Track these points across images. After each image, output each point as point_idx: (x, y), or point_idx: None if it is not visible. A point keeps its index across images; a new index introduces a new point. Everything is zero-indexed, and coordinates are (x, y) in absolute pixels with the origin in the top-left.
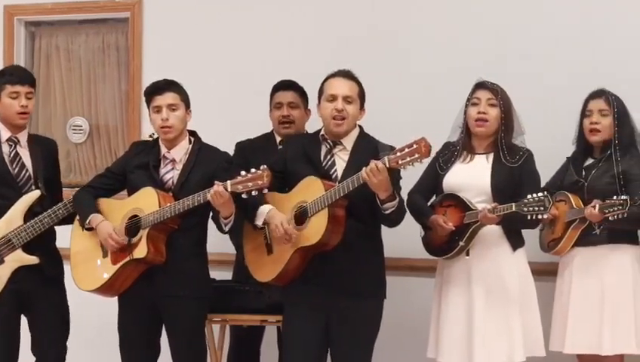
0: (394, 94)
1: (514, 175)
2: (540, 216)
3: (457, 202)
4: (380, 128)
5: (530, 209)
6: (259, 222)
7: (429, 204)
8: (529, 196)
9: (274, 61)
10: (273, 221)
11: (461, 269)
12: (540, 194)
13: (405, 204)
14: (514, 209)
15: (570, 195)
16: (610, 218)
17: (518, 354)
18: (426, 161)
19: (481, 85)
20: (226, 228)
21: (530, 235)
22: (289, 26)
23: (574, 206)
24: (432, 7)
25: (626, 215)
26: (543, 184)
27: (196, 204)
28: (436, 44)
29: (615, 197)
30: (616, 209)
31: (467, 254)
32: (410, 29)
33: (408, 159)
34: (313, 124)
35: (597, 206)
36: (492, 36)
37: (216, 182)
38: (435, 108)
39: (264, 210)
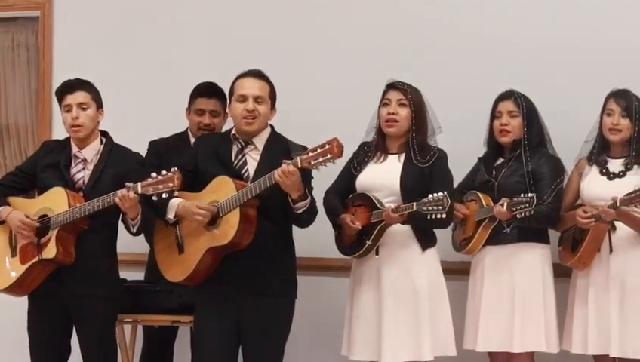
0: (308, 94)
1: (424, 175)
2: (438, 216)
3: (367, 201)
4: (292, 128)
5: (430, 208)
6: (170, 216)
7: (343, 203)
8: (429, 195)
9: (186, 60)
10: (189, 209)
11: (371, 269)
12: (439, 193)
13: (322, 203)
14: (415, 208)
15: (480, 195)
16: (517, 216)
17: (426, 354)
18: (341, 161)
19: (391, 86)
20: (134, 229)
21: (443, 235)
22: (202, 25)
23: (484, 205)
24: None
25: (533, 212)
26: (456, 184)
27: (106, 205)
28: (351, 44)
29: (522, 195)
30: (523, 207)
31: (377, 253)
32: (322, 29)
33: (320, 159)
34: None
35: (505, 204)
36: (407, 36)
37: (126, 184)
38: (349, 108)
39: (174, 203)
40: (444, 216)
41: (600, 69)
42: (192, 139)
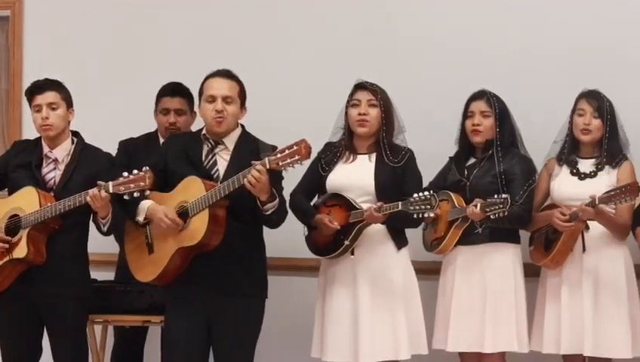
0: (276, 94)
1: (397, 174)
2: (426, 215)
3: (342, 202)
4: (262, 128)
5: (417, 207)
6: (140, 218)
7: (312, 203)
8: (415, 195)
9: (156, 60)
10: (156, 214)
11: (346, 269)
12: (425, 193)
13: (288, 204)
14: (400, 208)
15: (452, 195)
16: (491, 216)
17: (404, 352)
18: (307, 162)
19: (360, 86)
20: (105, 228)
21: (414, 234)
22: (172, 25)
23: (456, 205)
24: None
25: (506, 213)
26: (426, 183)
27: (77, 204)
28: (316, 44)
29: (496, 196)
30: (497, 208)
31: (352, 253)
32: (289, 29)
33: (289, 161)
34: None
35: (478, 205)
36: (374, 36)
37: (98, 183)
38: (316, 108)
39: (144, 205)
40: (432, 214)
41: (567, 70)
42: (162, 140)
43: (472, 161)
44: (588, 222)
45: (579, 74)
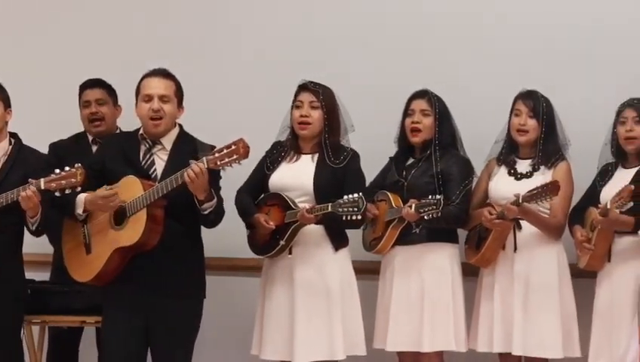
0: (220, 94)
1: (338, 175)
2: (354, 217)
3: (280, 201)
4: (201, 127)
5: (345, 210)
6: (79, 210)
7: (256, 202)
8: (345, 197)
9: (87, 61)
10: (96, 201)
11: (284, 268)
12: (355, 195)
13: (234, 202)
14: (330, 209)
15: (390, 195)
16: (425, 217)
17: (339, 353)
18: (254, 160)
19: (303, 87)
20: (33, 228)
21: (354, 234)
22: (104, 24)
23: (394, 205)
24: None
25: (440, 214)
26: (368, 183)
27: (9, 201)
28: (262, 43)
29: (430, 197)
30: (430, 208)
31: (290, 253)
32: (234, 28)
33: (227, 160)
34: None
35: (412, 206)
36: (319, 34)
37: (30, 180)
38: (258, 108)
39: (81, 198)
40: (359, 217)
41: (513, 70)
42: (90, 138)
43: (410, 161)
44: (520, 221)
45: (526, 74)
